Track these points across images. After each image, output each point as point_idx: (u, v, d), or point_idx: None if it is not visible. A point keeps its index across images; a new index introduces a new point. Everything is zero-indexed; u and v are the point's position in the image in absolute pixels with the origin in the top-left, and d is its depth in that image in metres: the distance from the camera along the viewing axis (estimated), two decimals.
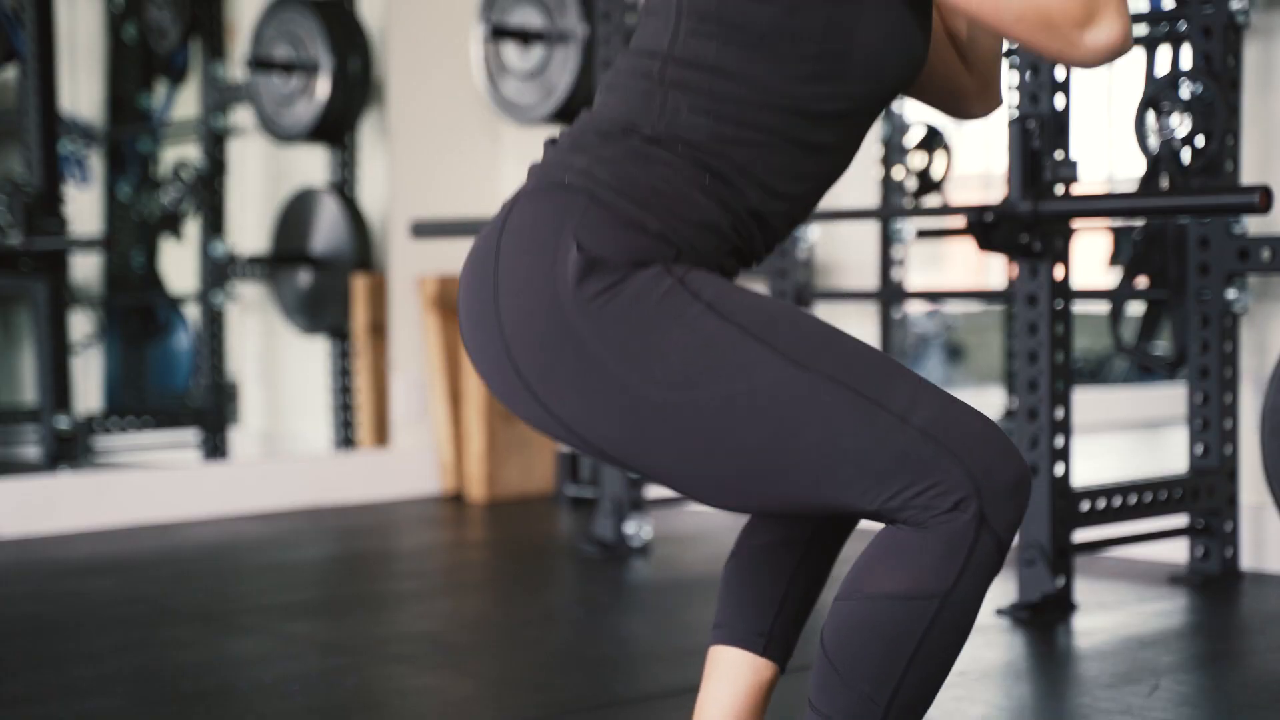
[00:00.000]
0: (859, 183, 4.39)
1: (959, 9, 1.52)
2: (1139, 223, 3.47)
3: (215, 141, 5.43)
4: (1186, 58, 3.36)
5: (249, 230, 5.59)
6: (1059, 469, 3.06)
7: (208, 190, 5.40)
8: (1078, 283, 3.18)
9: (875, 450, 1.43)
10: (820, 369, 1.45)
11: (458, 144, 5.02)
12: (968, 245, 3.87)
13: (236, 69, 5.41)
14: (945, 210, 3.76)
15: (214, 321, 5.40)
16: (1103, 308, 3.81)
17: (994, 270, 5.83)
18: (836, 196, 4.36)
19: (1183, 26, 3.42)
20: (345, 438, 5.07)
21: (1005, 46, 1.80)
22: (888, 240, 4.44)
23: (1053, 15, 1.48)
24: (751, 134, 1.53)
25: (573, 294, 1.47)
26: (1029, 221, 2.96)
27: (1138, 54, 3.94)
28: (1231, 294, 3.27)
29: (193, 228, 5.54)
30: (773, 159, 1.54)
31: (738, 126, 1.52)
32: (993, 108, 1.80)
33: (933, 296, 5.14)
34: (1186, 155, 3.18)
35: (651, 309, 1.47)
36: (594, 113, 1.59)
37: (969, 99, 1.78)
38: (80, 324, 5.56)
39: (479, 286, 1.54)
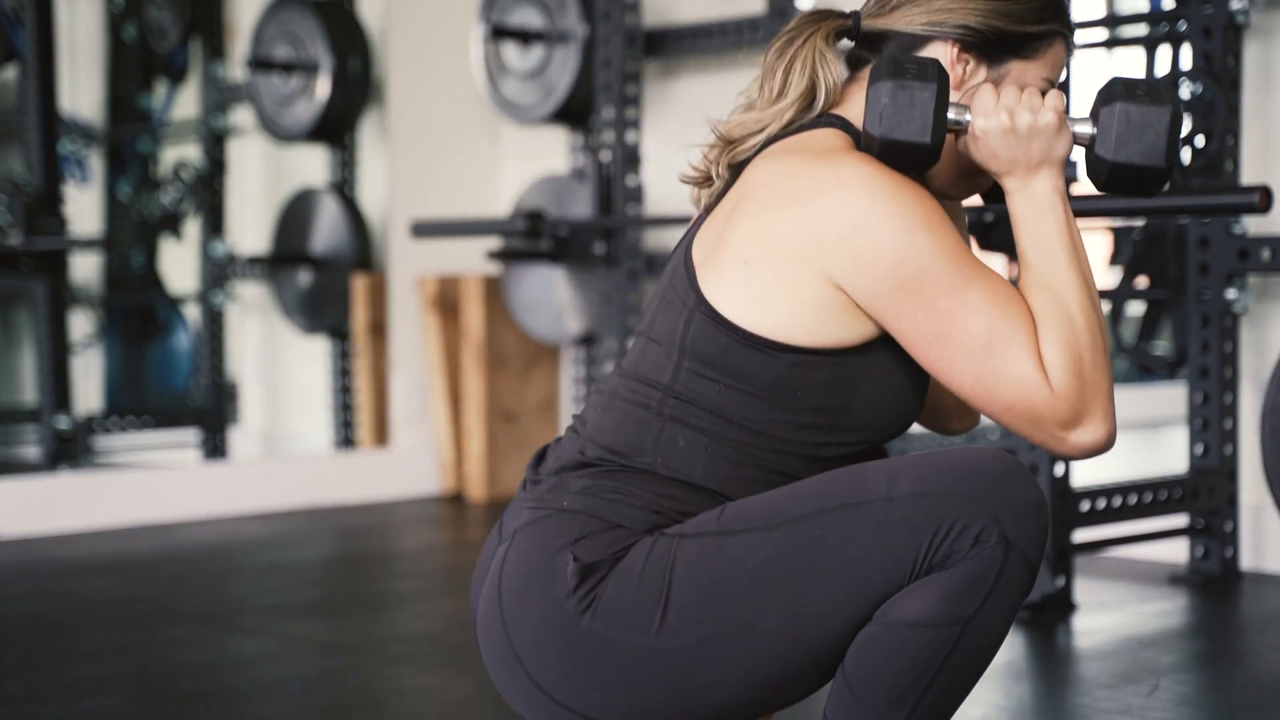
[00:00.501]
0: None
1: (954, 392, 1.54)
2: (1139, 223, 3.47)
3: (215, 141, 5.43)
4: (1186, 58, 3.36)
5: (249, 230, 5.60)
6: (1059, 469, 3.06)
7: (208, 190, 5.40)
8: None
9: (881, 541, 1.46)
10: (793, 516, 1.48)
11: (458, 144, 5.02)
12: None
13: (236, 69, 5.41)
14: None
15: (214, 321, 5.40)
16: (1103, 308, 3.81)
17: (993, 270, 5.82)
18: None
19: (1183, 26, 3.42)
20: (345, 438, 5.07)
21: None
22: None
23: (1041, 413, 1.49)
24: (747, 471, 1.56)
25: (574, 601, 1.51)
26: None
27: (1137, 54, 3.94)
28: (1231, 294, 3.27)
29: (193, 228, 5.54)
30: (767, 486, 1.57)
31: (733, 465, 1.56)
32: (970, 426, 1.82)
33: None
34: (1186, 155, 3.18)
35: (642, 575, 1.50)
36: (587, 434, 1.62)
37: (949, 417, 1.80)
38: (80, 324, 5.56)
39: (494, 635, 1.58)
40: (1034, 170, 1.56)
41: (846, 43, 1.67)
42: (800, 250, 1.51)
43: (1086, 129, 1.59)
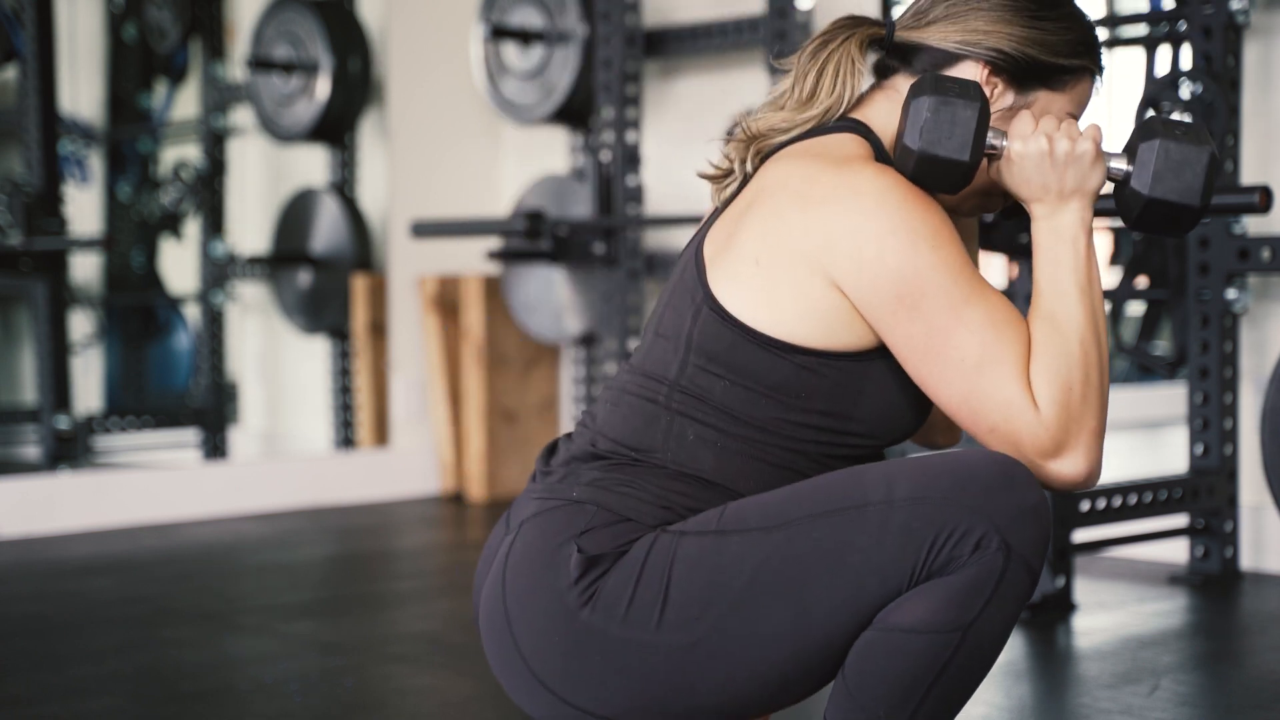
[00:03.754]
0: None
1: (941, 408, 1.55)
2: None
3: (215, 141, 5.43)
4: (1186, 58, 3.36)
5: (249, 230, 5.60)
6: None
7: (208, 190, 5.40)
8: None
9: (881, 545, 1.45)
10: (792, 518, 1.48)
11: (458, 144, 5.01)
12: None
13: (236, 69, 5.41)
14: None
15: (214, 321, 5.40)
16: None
17: (994, 270, 5.82)
18: None
19: (1183, 26, 3.42)
20: (345, 438, 5.07)
21: None
22: None
23: (1022, 439, 1.50)
24: (756, 466, 1.56)
25: (576, 594, 1.51)
26: (1029, 221, 2.95)
27: (1137, 54, 3.94)
28: (1231, 294, 3.27)
29: (193, 228, 5.54)
30: (776, 482, 1.57)
31: (743, 460, 1.56)
32: (954, 442, 1.83)
33: None
34: None
35: (642, 571, 1.50)
36: (596, 429, 1.62)
37: (936, 431, 1.81)
38: (80, 324, 5.56)
39: (496, 626, 1.58)
40: (1064, 200, 1.57)
41: (876, 51, 1.68)
42: (809, 254, 1.52)
43: (1122, 164, 1.59)
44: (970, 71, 1.62)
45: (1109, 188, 1.63)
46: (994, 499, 1.45)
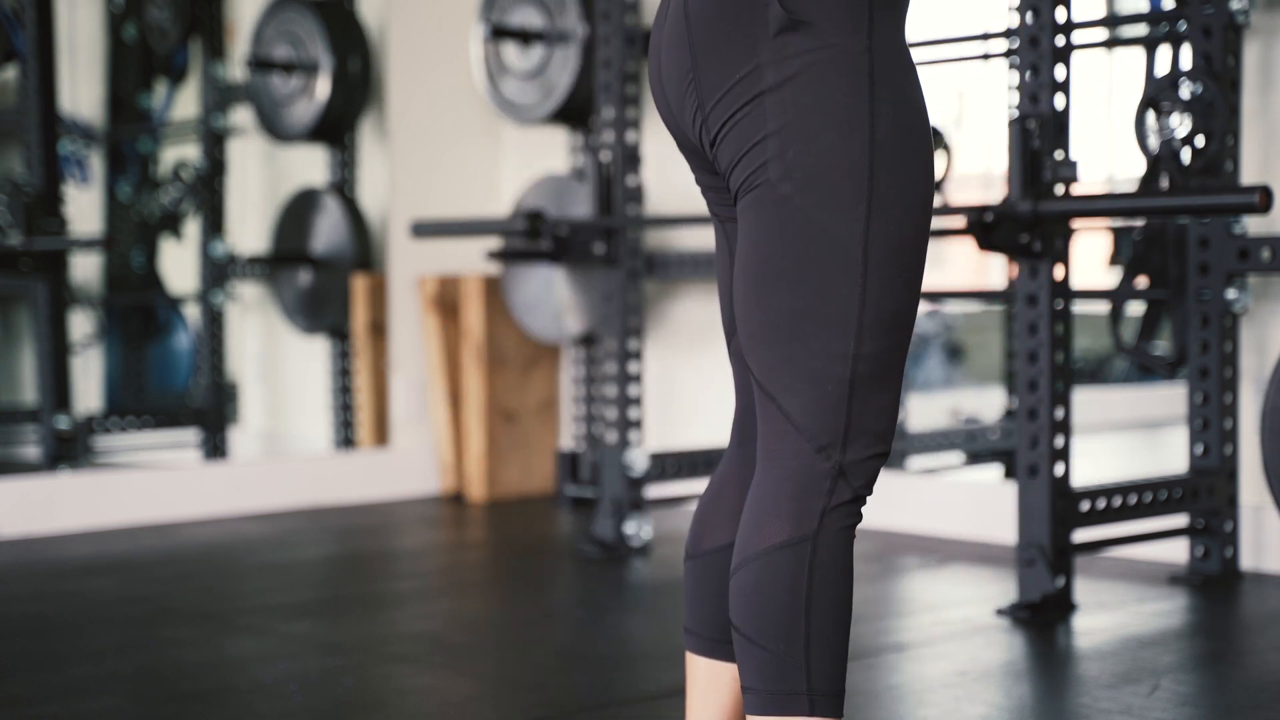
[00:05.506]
0: None
1: None
2: (1139, 223, 3.47)
3: (215, 141, 5.43)
4: (1186, 58, 3.36)
5: (249, 230, 5.60)
6: (1059, 469, 3.06)
7: (208, 190, 5.40)
8: (1078, 283, 3.18)
9: (818, 358, 1.50)
10: (867, 275, 1.49)
11: (458, 144, 5.02)
12: (968, 245, 3.86)
13: (236, 69, 5.41)
14: (945, 210, 3.74)
15: (214, 321, 5.40)
16: (1103, 308, 3.81)
17: (994, 270, 5.82)
18: None
19: (1183, 26, 3.42)
20: (345, 438, 5.07)
21: None
22: None
23: None
24: None
25: (771, 48, 1.48)
26: (1029, 221, 2.96)
27: (1137, 54, 3.94)
28: (1231, 294, 3.27)
29: (193, 228, 5.54)
30: None
31: None
32: None
33: (933, 296, 5.13)
34: (1186, 155, 3.18)
35: (831, 103, 1.48)
36: None
37: None
38: (80, 324, 5.56)
39: (677, 21, 1.56)
40: None
41: None
42: None
43: None
44: None
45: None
46: (863, 436, 1.51)
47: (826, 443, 1.50)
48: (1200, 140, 3.16)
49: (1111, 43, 4.23)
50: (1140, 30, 3.93)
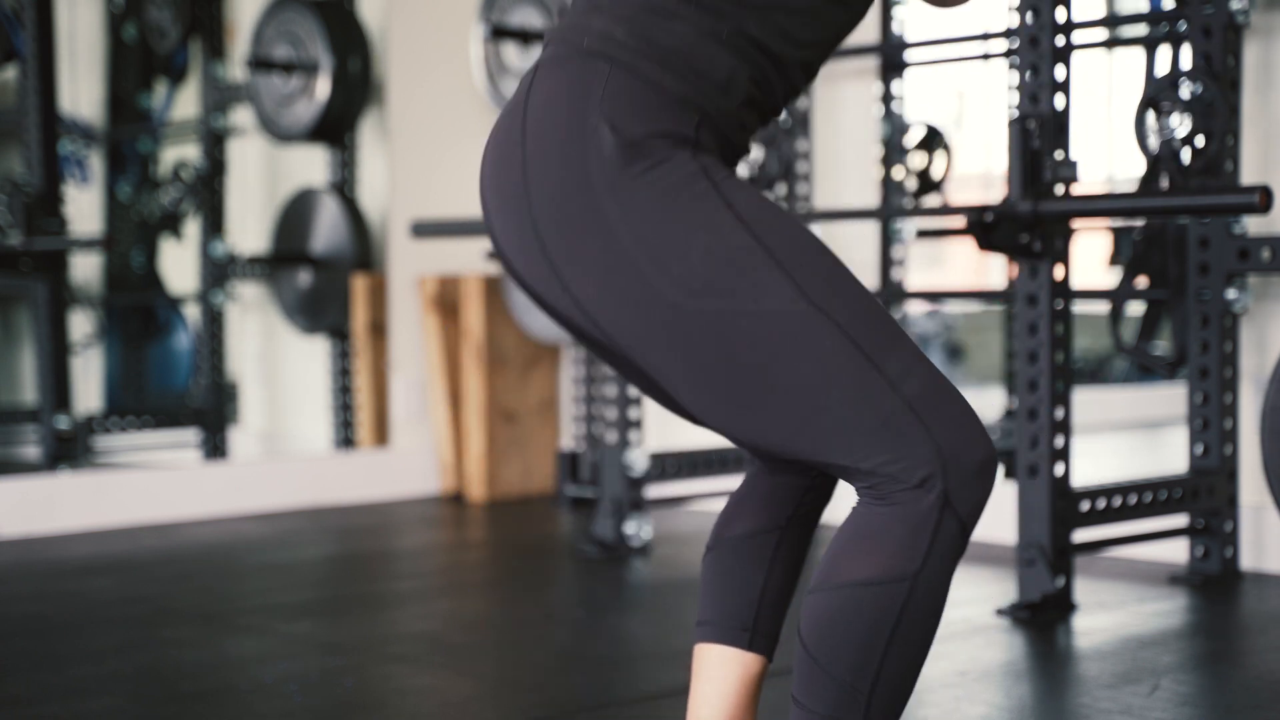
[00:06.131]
0: (859, 183, 4.39)
1: None
2: (1139, 223, 3.47)
3: (215, 141, 5.43)
4: (1186, 58, 3.36)
5: (249, 230, 5.60)
6: (1059, 469, 3.06)
7: (208, 190, 5.40)
8: (1078, 283, 3.18)
9: (861, 408, 1.44)
10: (831, 314, 1.45)
11: (458, 144, 5.01)
12: (968, 245, 3.87)
13: (236, 69, 5.41)
14: (945, 210, 3.76)
15: (214, 321, 5.40)
16: (1103, 308, 3.81)
17: (994, 270, 5.83)
18: (836, 196, 4.36)
19: (1183, 26, 3.42)
20: (345, 438, 5.07)
21: None
22: (888, 240, 4.45)
23: None
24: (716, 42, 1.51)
25: (605, 178, 1.46)
26: (1029, 221, 2.96)
27: (1137, 54, 3.94)
28: (1231, 294, 3.27)
29: (193, 228, 5.54)
30: (794, 6, 1.52)
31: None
32: (960, 1, 1.73)
33: (933, 296, 5.14)
34: (1186, 155, 3.18)
35: (683, 207, 1.46)
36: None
37: None
38: (80, 324, 5.56)
39: (506, 168, 1.53)
40: None
41: None
42: None
43: None
44: None
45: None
46: (958, 452, 1.45)
47: (925, 475, 1.44)
48: (1200, 140, 3.16)
49: (1111, 43, 4.23)
50: (1140, 30, 3.93)
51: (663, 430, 4.63)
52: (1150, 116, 3.21)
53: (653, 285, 1.46)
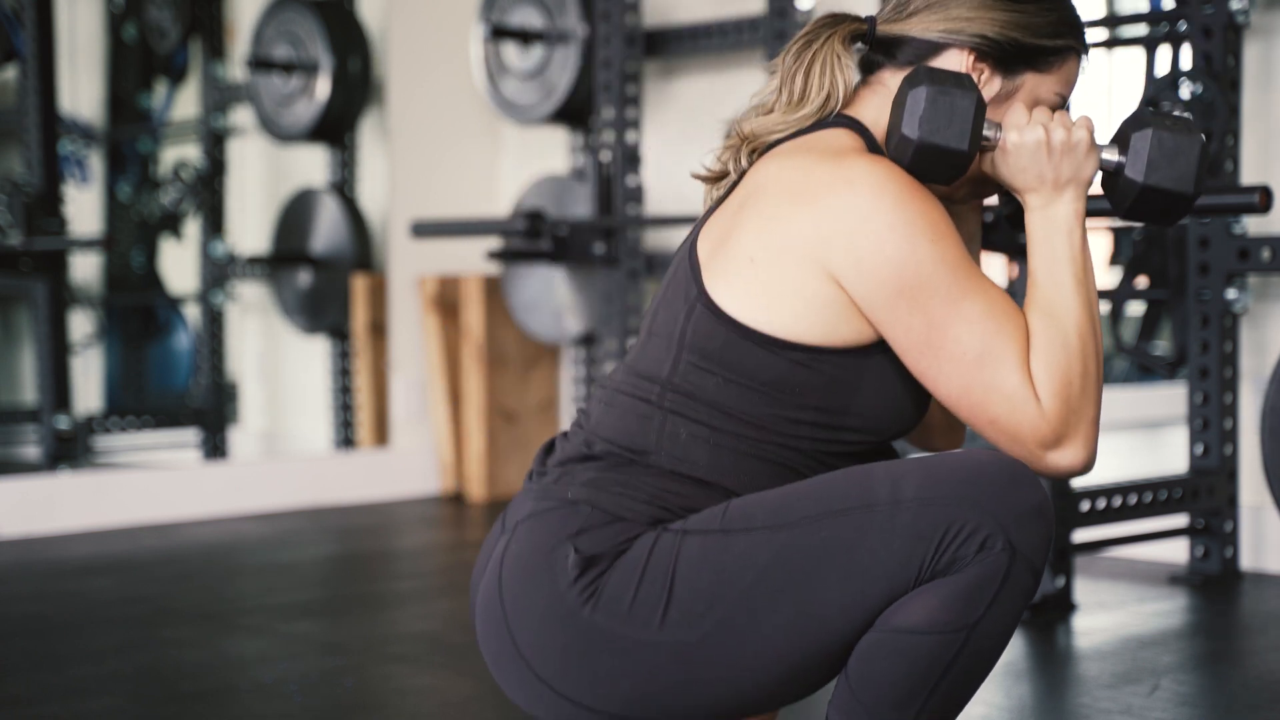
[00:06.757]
0: None
1: (941, 401, 1.54)
2: (1139, 223, 3.47)
3: (215, 141, 5.43)
4: (1186, 58, 3.36)
5: (249, 230, 5.60)
6: None
7: (208, 190, 5.40)
8: None
9: (889, 546, 1.46)
10: (798, 518, 1.48)
11: (458, 144, 5.01)
12: None
13: (236, 69, 5.41)
14: None
15: (214, 321, 5.40)
16: (1103, 308, 3.81)
17: (994, 270, 5.83)
18: None
19: (1183, 26, 3.42)
20: (345, 438, 5.07)
21: None
22: None
23: (1023, 431, 1.50)
24: (751, 464, 1.56)
25: (576, 592, 1.51)
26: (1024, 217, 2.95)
27: (1137, 54, 3.94)
28: (1231, 294, 3.27)
29: (193, 228, 5.54)
30: (771, 480, 1.57)
31: (736, 458, 1.56)
32: (955, 445, 1.81)
33: None
34: None
35: (645, 568, 1.50)
36: (591, 429, 1.62)
37: (934, 434, 1.80)
38: (80, 324, 5.56)
39: (493, 626, 1.58)
40: (1059, 190, 1.58)
41: (860, 46, 1.68)
42: (805, 248, 1.52)
43: (1114, 155, 1.61)
44: (955, 60, 1.62)
45: (1098, 181, 1.64)
46: (999, 499, 1.46)
47: (983, 538, 1.46)
48: None
49: (1111, 43, 4.23)
50: (1140, 30, 3.92)
51: None
52: None
53: (673, 643, 1.50)
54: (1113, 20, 4.52)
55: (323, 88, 4.92)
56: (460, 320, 4.81)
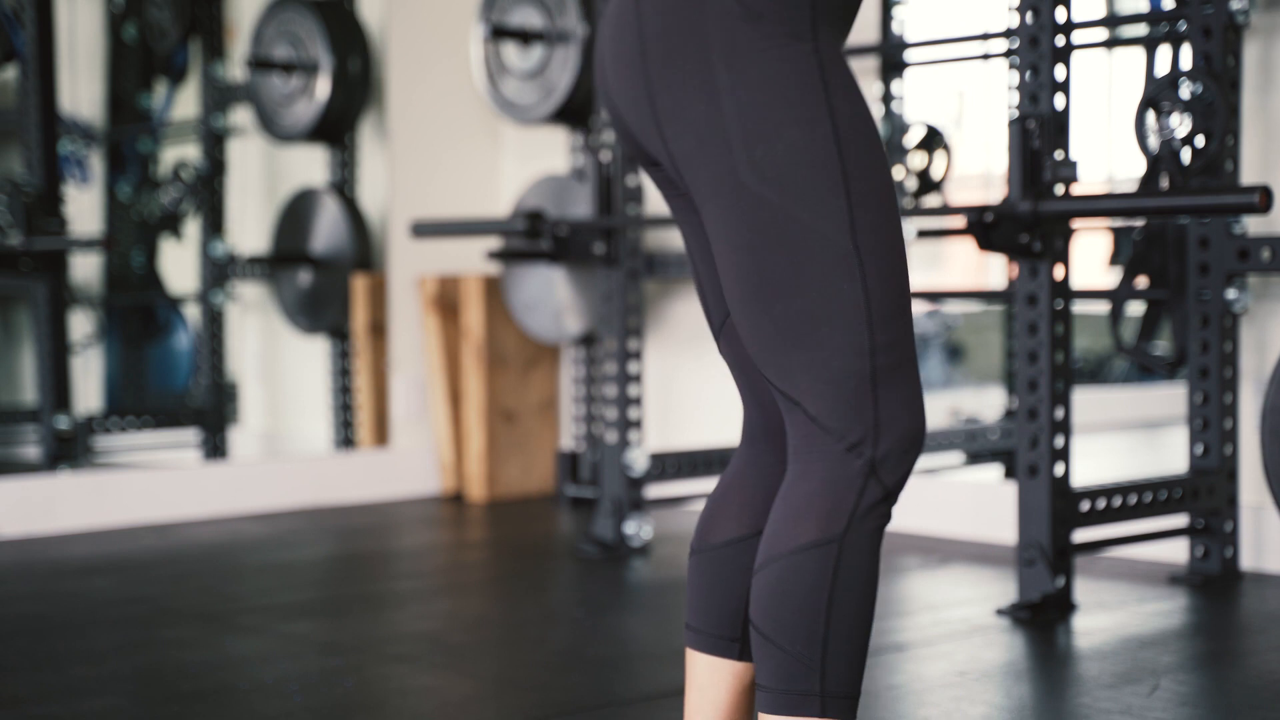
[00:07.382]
0: None
1: None
2: (1139, 223, 3.47)
3: (215, 141, 5.43)
4: (1186, 58, 3.36)
5: (249, 230, 5.60)
6: (1059, 469, 3.06)
7: (208, 190, 5.40)
8: (1078, 283, 3.18)
9: (836, 357, 1.49)
10: (865, 263, 1.49)
11: (458, 144, 5.02)
12: (968, 245, 3.86)
13: (236, 69, 5.41)
14: (945, 210, 3.75)
15: (214, 321, 5.40)
16: (1103, 308, 3.81)
17: (994, 270, 5.83)
18: None
19: (1183, 26, 3.42)
20: (345, 438, 5.07)
21: None
22: None
23: None
24: None
25: (725, 40, 1.49)
26: (1029, 221, 2.96)
27: (1137, 54, 3.94)
28: (1231, 294, 3.27)
29: (193, 228, 5.54)
30: None
31: None
32: None
33: (933, 296, 5.14)
34: (1186, 155, 3.18)
35: (787, 98, 1.49)
36: None
37: None
38: (80, 324, 5.56)
39: (624, 31, 1.57)
40: None
41: None
42: None
43: None
44: None
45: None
46: (893, 430, 1.51)
47: (857, 440, 1.50)
48: (1200, 140, 3.16)
49: (1111, 43, 4.24)
50: (1140, 30, 3.93)
51: (663, 430, 4.63)
52: (1150, 116, 3.21)
53: (733, 158, 1.49)
54: (1113, 20, 4.52)
55: (322, 88, 4.92)
56: (460, 320, 4.81)
